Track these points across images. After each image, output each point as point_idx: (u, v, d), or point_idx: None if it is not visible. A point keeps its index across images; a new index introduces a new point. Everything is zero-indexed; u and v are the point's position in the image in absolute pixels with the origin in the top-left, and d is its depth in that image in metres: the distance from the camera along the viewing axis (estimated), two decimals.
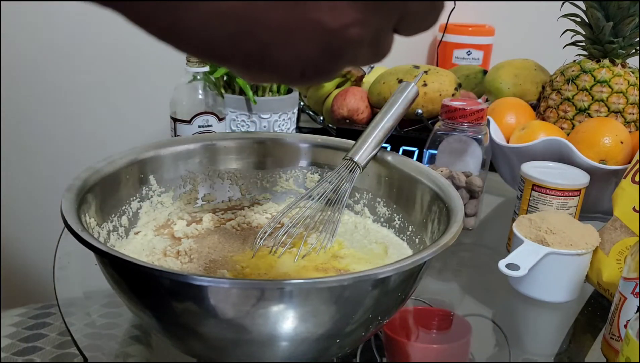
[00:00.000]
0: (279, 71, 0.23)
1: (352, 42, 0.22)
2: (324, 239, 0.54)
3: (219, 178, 0.62)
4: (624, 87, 0.78)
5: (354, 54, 0.23)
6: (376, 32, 0.23)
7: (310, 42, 0.22)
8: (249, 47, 0.22)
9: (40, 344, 0.75)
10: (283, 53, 0.22)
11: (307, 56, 0.22)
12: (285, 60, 0.23)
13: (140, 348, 0.51)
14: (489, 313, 0.61)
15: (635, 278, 0.47)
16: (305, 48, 0.22)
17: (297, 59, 0.23)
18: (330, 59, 0.23)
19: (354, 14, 0.22)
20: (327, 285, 0.37)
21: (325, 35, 0.22)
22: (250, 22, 0.21)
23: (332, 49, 0.22)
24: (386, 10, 0.23)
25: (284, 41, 0.22)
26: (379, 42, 0.24)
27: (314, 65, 0.23)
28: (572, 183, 0.65)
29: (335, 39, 0.22)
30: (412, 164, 0.57)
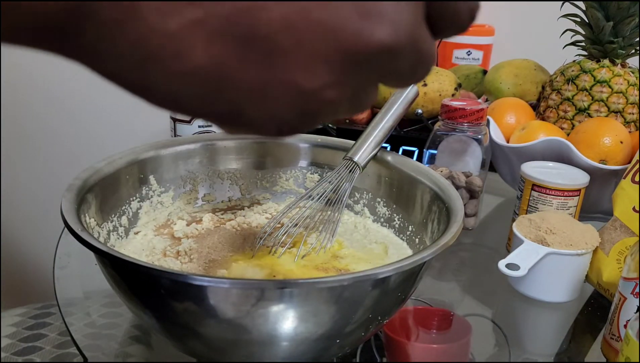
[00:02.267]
0: (254, 129, 0.22)
1: (329, 104, 0.21)
2: (324, 239, 0.54)
3: (219, 178, 0.62)
4: (624, 87, 0.78)
5: (331, 113, 0.22)
6: (355, 91, 0.22)
7: (284, 104, 0.21)
8: (219, 107, 0.21)
9: (40, 344, 0.75)
10: (256, 114, 0.21)
11: (282, 117, 0.21)
12: (259, 120, 0.22)
13: (140, 348, 0.51)
14: (489, 313, 0.61)
15: (635, 278, 0.47)
16: (279, 109, 0.21)
17: (271, 119, 0.22)
18: (306, 119, 0.22)
19: (330, 76, 0.20)
20: (327, 285, 0.37)
21: (299, 97, 0.21)
22: (220, 83, 0.20)
23: (308, 110, 0.21)
24: (366, 72, 0.21)
25: (257, 103, 0.21)
26: (360, 99, 0.22)
27: (289, 125, 0.22)
28: (572, 183, 0.65)
29: (310, 101, 0.21)
30: (412, 164, 0.57)
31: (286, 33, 0.19)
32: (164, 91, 0.21)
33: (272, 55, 0.20)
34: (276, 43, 0.19)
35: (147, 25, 0.19)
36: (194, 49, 0.19)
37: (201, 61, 0.20)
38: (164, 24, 0.19)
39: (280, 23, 0.19)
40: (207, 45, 0.19)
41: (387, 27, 0.20)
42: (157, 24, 0.19)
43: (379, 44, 0.20)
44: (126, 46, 0.19)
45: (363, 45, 0.20)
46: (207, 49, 0.19)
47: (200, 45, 0.19)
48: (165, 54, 0.19)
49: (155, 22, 0.19)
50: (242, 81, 0.20)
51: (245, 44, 0.19)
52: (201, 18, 0.19)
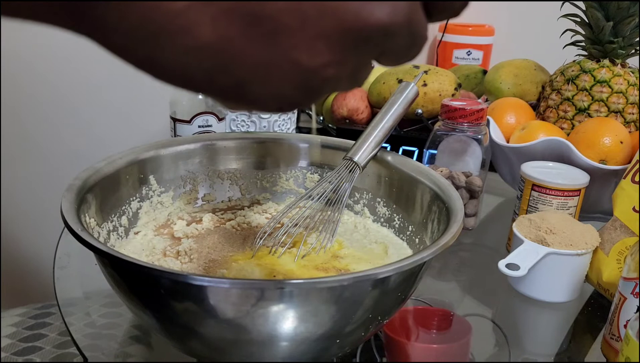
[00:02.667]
0: (256, 105, 0.23)
1: (329, 80, 0.22)
2: (324, 239, 0.54)
3: (219, 178, 0.62)
4: (623, 87, 0.78)
5: (331, 88, 0.23)
6: (354, 69, 0.23)
7: (287, 80, 0.22)
8: (225, 82, 0.22)
9: (40, 344, 0.75)
10: (260, 89, 0.22)
11: (284, 93, 0.22)
12: (262, 96, 0.22)
13: (140, 348, 0.51)
14: (489, 313, 0.61)
15: (635, 278, 0.47)
16: (282, 86, 0.22)
17: (274, 96, 0.22)
18: (307, 95, 0.23)
19: (331, 54, 0.21)
20: (327, 285, 0.37)
21: (302, 74, 0.22)
22: (227, 58, 0.21)
23: (309, 87, 0.22)
24: (365, 50, 0.22)
25: (261, 79, 0.22)
26: (357, 75, 0.24)
27: (290, 100, 0.23)
28: (572, 183, 0.65)
29: (312, 78, 0.22)
30: (412, 164, 0.57)
31: (290, 13, 0.20)
32: (171, 65, 0.21)
33: (277, 34, 0.20)
34: (281, 22, 0.20)
35: (155, 1, 0.20)
36: (201, 25, 0.20)
37: (208, 38, 0.20)
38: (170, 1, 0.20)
39: (285, 3, 0.20)
40: (214, 22, 0.20)
41: (386, 7, 0.21)
42: (164, 2, 0.20)
43: (378, 23, 0.21)
44: (134, 21, 0.20)
45: (363, 24, 0.21)
46: (214, 26, 0.20)
47: (207, 22, 0.20)
48: (173, 29, 0.20)
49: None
50: (247, 57, 0.21)
51: (251, 22, 0.20)
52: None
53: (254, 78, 0.22)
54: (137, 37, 0.21)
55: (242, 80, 0.22)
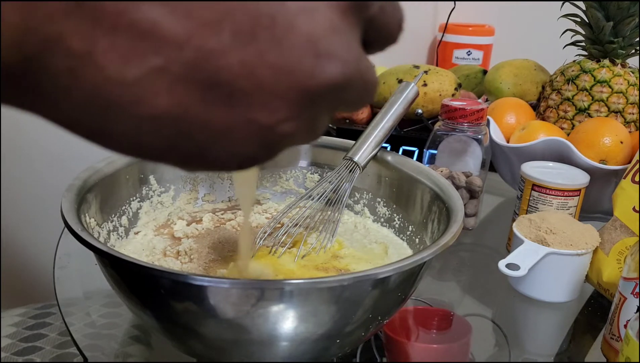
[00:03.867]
0: (217, 165, 0.23)
1: (287, 136, 0.22)
2: (324, 239, 0.54)
3: (219, 178, 0.62)
4: (624, 87, 0.78)
5: (289, 143, 0.23)
6: (310, 123, 0.23)
7: (246, 140, 0.22)
8: (185, 148, 0.22)
9: (40, 344, 0.75)
10: (221, 151, 0.22)
11: (244, 151, 0.22)
12: (223, 157, 0.22)
13: (140, 348, 0.51)
14: (489, 313, 0.61)
15: (635, 278, 0.47)
16: (242, 145, 0.22)
17: (234, 156, 0.23)
18: (267, 151, 0.23)
19: (288, 112, 0.21)
20: (327, 285, 0.37)
21: (261, 132, 0.22)
22: (186, 125, 0.21)
23: (268, 143, 0.22)
24: (321, 105, 0.22)
25: (222, 141, 0.22)
26: (314, 129, 0.24)
27: (250, 158, 0.23)
28: (572, 183, 0.65)
29: (271, 135, 0.22)
30: (412, 164, 0.57)
31: (245, 76, 0.20)
32: (127, 137, 0.21)
33: (234, 97, 0.21)
34: (237, 86, 0.20)
35: (103, 74, 0.19)
36: (157, 95, 0.20)
37: (164, 107, 0.20)
38: (122, 72, 0.19)
39: (239, 67, 0.20)
40: (170, 91, 0.20)
41: (337, 64, 0.21)
42: (115, 73, 0.19)
43: (331, 81, 0.21)
44: (82, 95, 0.19)
45: (316, 83, 0.21)
46: (170, 95, 0.20)
47: (163, 91, 0.20)
48: (127, 101, 0.20)
49: (113, 71, 0.19)
50: (206, 123, 0.21)
51: (208, 88, 0.20)
52: (162, 65, 0.19)
53: (213, 143, 0.22)
54: (87, 110, 0.20)
55: (203, 144, 0.22)
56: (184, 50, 0.19)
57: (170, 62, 0.19)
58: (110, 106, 0.20)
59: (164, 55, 0.19)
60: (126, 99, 0.19)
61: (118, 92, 0.19)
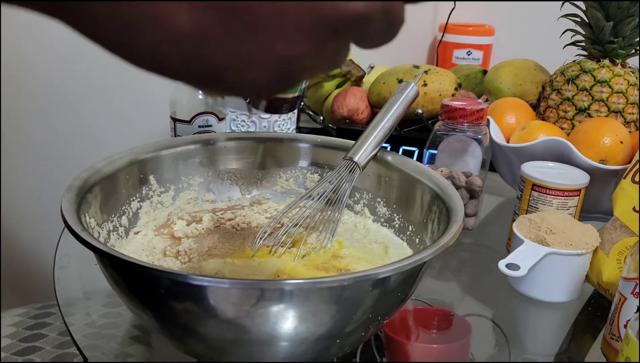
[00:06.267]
0: (233, 91, 0.23)
1: (307, 69, 0.22)
2: (324, 239, 0.54)
3: (219, 178, 0.62)
4: (624, 87, 0.78)
5: (309, 75, 0.23)
6: (331, 55, 0.23)
7: (265, 69, 0.22)
8: (201, 70, 0.22)
9: (40, 344, 0.75)
10: (237, 78, 0.22)
11: (262, 81, 0.22)
12: (240, 83, 0.22)
13: (140, 348, 0.51)
14: (489, 313, 0.61)
15: (635, 278, 0.47)
16: (260, 74, 0.22)
17: (251, 83, 0.22)
18: (285, 82, 0.23)
19: (309, 44, 0.21)
20: (327, 285, 0.37)
21: (281, 64, 0.22)
22: (204, 48, 0.21)
23: (288, 75, 0.22)
24: (342, 38, 0.22)
25: (239, 68, 0.22)
26: (334, 61, 0.24)
27: (269, 88, 0.23)
28: (572, 183, 0.65)
29: (291, 67, 0.22)
30: (412, 164, 0.57)
31: (268, 4, 0.20)
32: (146, 53, 0.21)
33: (255, 25, 0.20)
34: (259, 14, 0.20)
35: None
36: (178, 15, 0.20)
37: (184, 27, 0.20)
38: None
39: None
40: (191, 12, 0.20)
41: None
42: None
43: (354, 13, 0.21)
44: (109, 8, 0.20)
45: (340, 15, 0.21)
46: (191, 15, 0.20)
47: (184, 11, 0.20)
48: (148, 18, 0.20)
49: None
50: (225, 48, 0.21)
51: (229, 13, 0.20)
52: None
53: (231, 67, 0.22)
54: (111, 24, 0.20)
55: (220, 68, 0.22)
56: None
57: None
58: (132, 22, 0.20)
59: None
60: (148, 17, 0.20)
61: (141, 8, 0.20)
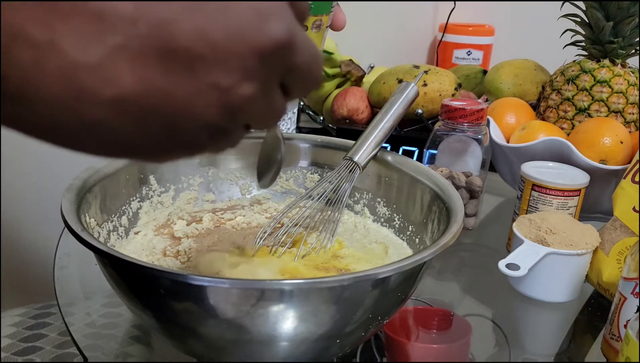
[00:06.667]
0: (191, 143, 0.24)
1: (246, 98, 0.23)
2: (324, 239, 0.54)
3: (219, 178, 0.62)
4: (624, 87, 0.78)
5: (250, 110, 0.24)
6: (265, 87, 0.24)
7: (211, 106, 0.23)
8: (155, 126, 0.22)
9: (40, 344, 0.75)
10: (190, 123, 0.23)
11: (212, 119, 0.23)
12: (193, 129, 0.23)
13: (140, 348, 0.51)
14: (489, 313, 0.61)
15: (635, 278, 0.47)
16: (209, 113, 0.23)
17: (203, 126, 0.23)
18: (231, 117, 0.24)
19: (244, 71, 0.23)
20: (327, 285, 0.37)
21: (222, 96, 0.23)
22: (154, 99, 0.21)
23: (231, 107, 0.23)
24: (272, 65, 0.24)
25: (189, 111, 0.22)
26: (271, 98, 0.25)
27: (217, 127, 0.24)
28: (572, 183, 0.65)
29: (231, 98, 0.23)
30: (412, 164, 0.57)
31: (201, 41, 0.21)
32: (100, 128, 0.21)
33: (194, 63, 0.21)
34: (195, 51, 0.21)
35: (68, 59, 0.19)
36: (121, 73, 0.20)
37: (130, 84, 0.21)
38: (85, 54, 0.19)
39: (195, 32, 0.21)
40: (133, 66, 0.20)
41: (281, 23, 0.23)
42: (78, 56, 0.19)
43: (278, 38, 0.23)
44: (52, 86, 0.20)
45: (265, 40, 0.22)
46: (133, 70, 0.20)
47: (126, 68, 0.20)
48: (93, 85, 0.20)
49: (76, 54, 0.19)
50: (170, 94, 0.22)
51: (167, 57, 0.21)
52: (121, 42, 0.20)
53: (182, 113, 0.22)
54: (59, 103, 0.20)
55: (172, 118, 0.22)
56: (137, 24, 0.20)
57: (128, 38, 0.20)
58: (80, 93, 0.20)
59: (120, 32, 0.20)
60: (94, 82, 0.20)
61: (85, 76, 0.20)
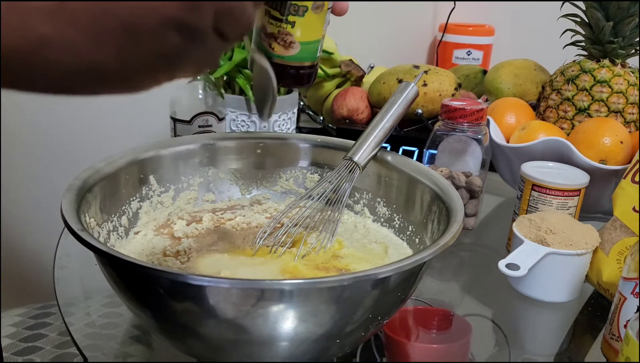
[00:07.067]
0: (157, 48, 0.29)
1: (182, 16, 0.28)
2: (324, 239, 0.54)
3: (219, 178, 0.62)
4: (623, 87, 0.78)
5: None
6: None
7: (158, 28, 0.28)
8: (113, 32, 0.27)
9: (40, 344, 0.75)
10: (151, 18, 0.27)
11: (171, 10, 0.27)
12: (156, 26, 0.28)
13: (140, 348, 0.51)
14: (489, 313, 0.61)
15: (635, 278, 0.47)
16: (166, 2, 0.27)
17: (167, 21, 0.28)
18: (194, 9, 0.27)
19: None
20: (327, 285, 0.37)
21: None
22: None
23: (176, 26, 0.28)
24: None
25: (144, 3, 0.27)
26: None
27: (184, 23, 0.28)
28: (572, 183, 0.65)
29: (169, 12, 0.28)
30: (412, 164, 0.57)
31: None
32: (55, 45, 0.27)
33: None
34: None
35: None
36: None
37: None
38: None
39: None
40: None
41: None
42: None
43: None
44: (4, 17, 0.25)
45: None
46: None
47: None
48: None
49: None
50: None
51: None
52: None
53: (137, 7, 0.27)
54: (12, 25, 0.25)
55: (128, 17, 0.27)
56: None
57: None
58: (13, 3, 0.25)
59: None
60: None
61: None
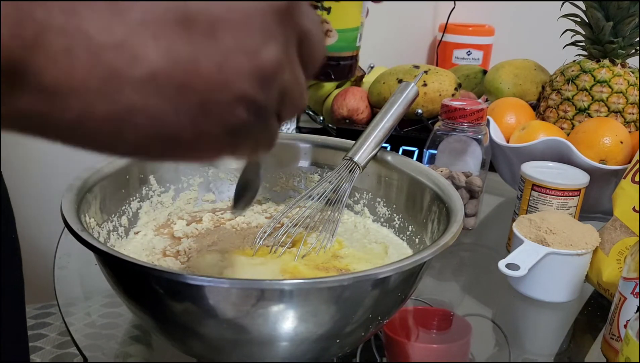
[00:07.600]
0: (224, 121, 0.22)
1: (274, 60, 0.22)
2: (324, 239, 0.54)
3: (219, 178, 0.62)
4: (624, 87, 0.78)
5: (281, 78, 0.23)
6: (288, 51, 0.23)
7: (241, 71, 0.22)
8: (190, 103, 0.21)
9: (40, 344, 0.75)
10: (224, 94, 0.22)
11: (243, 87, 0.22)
12: (228, 102, 0.22)
13: (140, 348, 0.51)
14: (489, 313, 0.61)
15: (635, 278, 0.47)
16: (239, 79, 0.22)
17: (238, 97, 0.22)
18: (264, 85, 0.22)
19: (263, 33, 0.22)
20: (327, 285, 0.37)
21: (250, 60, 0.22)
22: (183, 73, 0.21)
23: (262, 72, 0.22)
24: (287, 23, 0.23)
25: (221, 80, 0.21)
26: (295, 64, 0.24)
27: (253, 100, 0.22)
28: (572, 183, 0.65)
29: (259, 60, 0.22)
30: (412, 164, 0.57)
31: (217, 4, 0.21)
32: (137, 111, 0.21)
33: (214, 27, 0.20)
34: (212, 14, 0.20)
35: (95, 41, 0.19)
36: (146, 47, 0.20)
37: (156, 58, 0.20)
38: (110, 35, 0.19)
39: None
40: (156, 40, 0.20)
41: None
42: (104, 37, 0.19)
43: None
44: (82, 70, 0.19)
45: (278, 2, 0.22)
46: (157, 43, 0.20)
47: (150, 42, 0.20)
48: (122, 63, 0.20)
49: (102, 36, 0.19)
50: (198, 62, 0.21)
51: (187, 25, 0.20)
52: (141, 17, 0.20)
53: (214, 84, 0.21)
54: (91, 89, 0.20)
55: (205, 92, 0.21)
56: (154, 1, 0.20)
57: (146, 13, 0.20)
58: (110, 75, 0.20)
59: (138, 8, 0.20)
60: (121, 61, 0.20)
61: (111, 56, 0.19)
